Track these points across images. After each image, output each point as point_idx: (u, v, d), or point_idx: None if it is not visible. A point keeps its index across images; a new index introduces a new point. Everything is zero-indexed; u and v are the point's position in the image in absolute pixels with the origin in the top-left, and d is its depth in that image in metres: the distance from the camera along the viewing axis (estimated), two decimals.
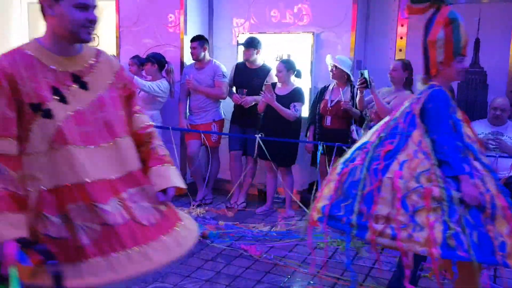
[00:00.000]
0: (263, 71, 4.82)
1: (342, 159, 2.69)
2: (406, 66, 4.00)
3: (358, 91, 4.02)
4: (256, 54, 4.81)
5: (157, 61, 4.88)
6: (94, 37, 4.66)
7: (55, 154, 1.65)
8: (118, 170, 1.76)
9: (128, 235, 1.67)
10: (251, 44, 4.77)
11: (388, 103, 3.91)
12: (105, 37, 6.06)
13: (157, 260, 1.70)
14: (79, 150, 1.68)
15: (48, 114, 1.65)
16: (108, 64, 1.88)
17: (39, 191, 1.63)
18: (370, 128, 4.03)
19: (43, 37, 1.77)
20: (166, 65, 4.93)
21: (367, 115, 4.14)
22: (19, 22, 6.42)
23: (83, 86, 1.76)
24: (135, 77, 4.71)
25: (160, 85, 4.81)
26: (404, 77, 4.00)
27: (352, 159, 2.60)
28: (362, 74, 3.90)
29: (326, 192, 2.58)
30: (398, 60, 4.16)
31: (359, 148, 2.64)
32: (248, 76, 4.82)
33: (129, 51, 5.31)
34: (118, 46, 5.51)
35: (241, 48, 4.89)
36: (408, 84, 4.03)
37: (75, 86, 1.75)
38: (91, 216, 1.63)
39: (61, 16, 1.68)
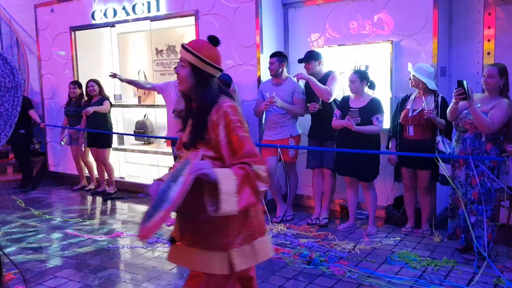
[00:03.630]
0: (328, 77, 4.77)
1: None
2: (503, 71, 3.71)
3: (453, 102, 3.75)
4: (318, 65, 4.78)
5: (220, 81, 4.92)
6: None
7: None
8: None
9: None
10: (311, 57, 4.76)
11: (485, 112, 3.64)
12: None
13: None
14: None
15: None
16: None
17: None
18: (465, 139, 3.78)
19: None
20: (231, 84, 4.98)
21: (459, 125, 3.87)
22: (110, 51, 6.94)
23: None
24: None
25: None
26: (501, 83, 3.71)
27: None
28: (460, 84, 3.55)
29: None
30: (493, 65, 3.81)
31: None
32: None
33: None
34: None
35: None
36: (505, 91, 3.73)
37: None
38: None
39: None
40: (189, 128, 2.16)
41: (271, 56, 4.94)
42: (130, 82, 5.99)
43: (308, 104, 4.87)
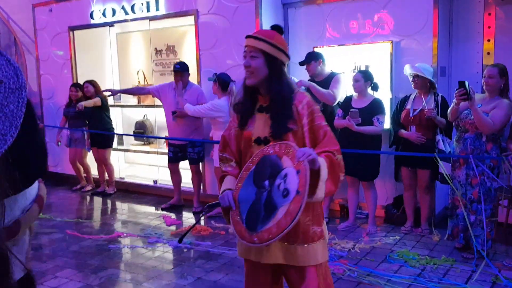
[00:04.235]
0: (331, 79, 4.76)
1: None
2: (503, 72, 3.73)
3: (454, 102, 3.75)
4: (319, 65, 4.77)
5: (220, 80, 4.96)
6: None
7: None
8: None
9: None
10: (311, 58, 4.76)
11: (485, 113, 3.64)
12: (186, 61, 6.34)
13: None
14: None
15: None
16: None
17: None
18: (465, 139, 3.78)
19: None
20: (230, 84, 4.98)
21: (460, 125, 3.88)
22: (109, 51, 6.93)
23: None
24: (187, 104, 4.99)
25: (209, 106, 4.89)
26: (501, 84, 3.72)
27: None
28: (462, 85, 3.54)
29: None
30: (493, 65, 3.82)
31: None
32: None
33: (209, 73, 5.49)
34: (199, 68, 5.72)
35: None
36: (505, 91, 3.74)
37: None
38: None
39: None
40: (262, 122, 2.06)
41: None
42: (125, 91, 6.05)
43: None
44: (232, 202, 1.95)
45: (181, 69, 5.33)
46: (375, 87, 4.51)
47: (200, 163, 5.62)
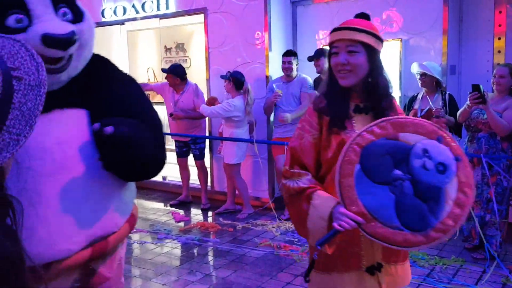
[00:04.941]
0: None
1: None
2: None
3: (467, 105, 3.70)
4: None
5: (234, 79, 4.96)
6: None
7: None
8: None
9: None
10: (320, 54, 4.74)
11: (497, 112, 3.63)
12: (195, 59, 6.36)
13: None
14: None
15: None
16: None
17: None
18: (479, 139, 3.75)
19: None
20: (244, 84, 4.98)
21: (471, 125, 3.85)
22: (120, 49, 6.98)
23: None
24: (202, 105, 5.01)
25: (225, 106, 4.88)
26: (511, 83, 3.70)
27: None
28: (476, 88, 3.51)
29: None
30: (504, 65, 3.81)
31: None
32: None
33: (218, 70, 5.51)
34: (208, 66, 5.75)
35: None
36: None
37: None
38: None
39: None
40: (363, 125, 1.65)
41: (285, 55, 4.94)
42: None
43: None
44: (358, 217, 1.49)
45: (167, 71, 5.36)
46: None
47: (207, 159, 5.65)
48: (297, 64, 4.96)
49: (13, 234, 0.74)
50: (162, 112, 6.12)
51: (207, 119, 5.58)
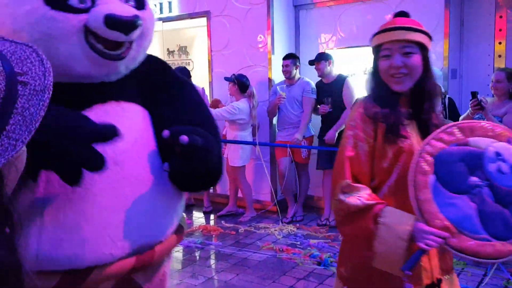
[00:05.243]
0: (340, 82, 4.78)
1: None
2: (511, 75, 3.74)
3: (469, 111, 3.72)
4: (329, 65, 4.79)
5: (238, 82, 4.98)
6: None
7: None
8: None
9: None
10: (321, 57, 4.78)
11: (497, 116, 3.66)
12: (198, 62, 6.40)
13: None
14: None
15: None
16: None
17: None
18: None
19: None
20: (249, 87, 5.00)
21: None
22: None
23: None
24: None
25: (229, 109, 4.89)
26: (509, 88, 3.74)
27: None
28: (474, 96, 3.57)
29: None
30: (501, 69, 3.86)
31: None
32: (327, 92, 4.81)
33: (221, 73, 5.54)
34: (210, 69, 5.78)
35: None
36: None
37: None
38: None
39: None
40: (415, 132, 1.57)
41: (285, 58, 4.98)
42: None
43: (318, 106, 4.90)
44: (444, 233, 1.36)
45: None
46: None
47: None
48: (297, 67, 4.97)
49: (10, 243, 0.72)
50: None
51: None
